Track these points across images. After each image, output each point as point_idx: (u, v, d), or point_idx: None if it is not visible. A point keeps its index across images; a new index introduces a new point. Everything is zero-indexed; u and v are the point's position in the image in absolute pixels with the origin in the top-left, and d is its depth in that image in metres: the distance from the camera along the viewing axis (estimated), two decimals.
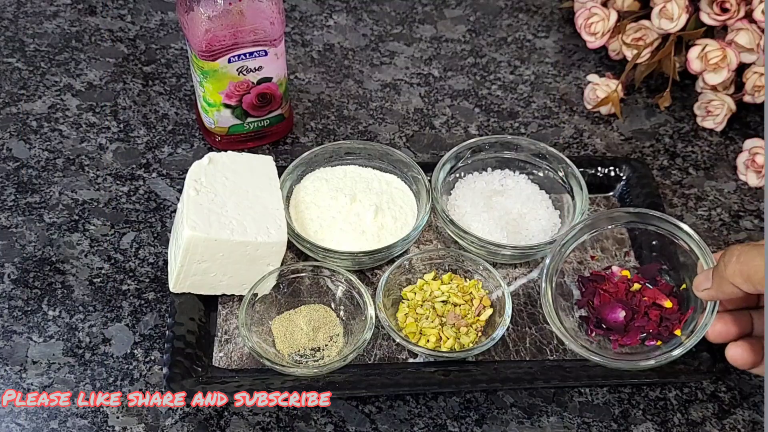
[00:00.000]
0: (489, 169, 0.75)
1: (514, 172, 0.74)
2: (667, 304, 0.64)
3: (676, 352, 0.60)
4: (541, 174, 0.74)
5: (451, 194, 0.73)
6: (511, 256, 0.69)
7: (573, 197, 0.71)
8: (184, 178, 0.69)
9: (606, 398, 0.64)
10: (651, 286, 0.66)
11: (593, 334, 0.64)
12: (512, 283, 0.69)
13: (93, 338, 0.66)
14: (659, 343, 0.63)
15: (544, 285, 0.64)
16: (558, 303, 0.64)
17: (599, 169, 0.76)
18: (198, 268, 0.63)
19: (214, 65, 0.71)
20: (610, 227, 0.67)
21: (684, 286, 0.65)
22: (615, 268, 0.67)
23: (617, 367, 0.61)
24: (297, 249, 0.68)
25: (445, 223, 0.69)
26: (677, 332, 0.63)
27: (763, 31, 0.77)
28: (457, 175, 0.74)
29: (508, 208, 0.71)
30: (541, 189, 0.74)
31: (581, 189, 0.70)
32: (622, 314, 0.64)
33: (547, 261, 0.64)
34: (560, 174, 0.73)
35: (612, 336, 0.64)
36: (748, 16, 0.77)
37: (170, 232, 0.70)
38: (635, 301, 0.65)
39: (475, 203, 0.71)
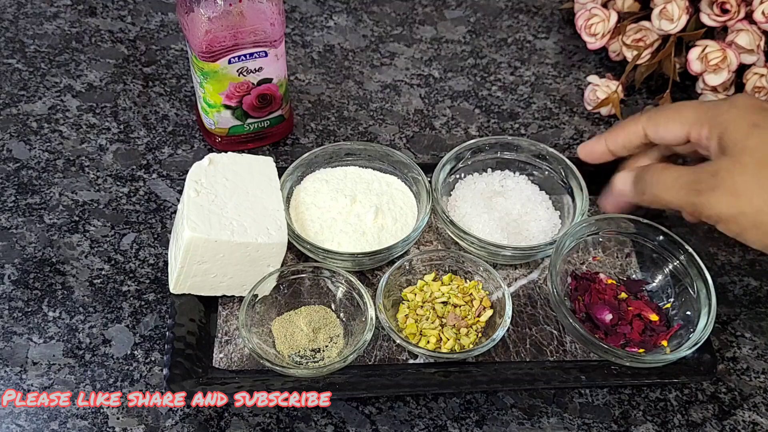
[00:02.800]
0: (489, 170, 0.75)
1: (514, 173, 0.74)
2: (653, 317, 0.65)
3: (650, 357, 0.62)
4: (541, 175, 0.74)
5: (451, 195, 0.73)
6: (511, 257, 0.69)
7: (573, 198, 0.71)
8: (184, 179, 0.69)
9: (606, 399, 0.64)
10: (635, 299, 0.67)
11: None
12: (512, 284, 0.69)
13: (93, 339, 0.66)
14: (642, 351, 0.63)
15: (551, 279, 0.64)
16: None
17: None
18: (198, 269, 0.63)
19: (214, 66, 0.71)
20: (615, 234, 0.69)
21: (668, 305, 0.66)
22: (602, 276, 0.68)
23: (609, 349, 0.62)
24: (297, 250, 0.68)
25: (445, 224, 0.69)
26: (663, 343, 0.63)
27: (763, 32, 0.77)
28: (458, 176, 0.74)
29: (508, 209, 0.71)
30: (541, 190, 0.74)
31: (581, 190, 0.70)
32: (609, 317, 0.64)
33: (559, 247, 0.66)
34: (560, 175, 0.73)
35: (597, 333, 0.64)
36: (749, 17, 0.77)
37: (170, 233, 0.70)
38: (622, 308, 0.65)
39: (476, 204, 0.71)
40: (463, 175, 0.74)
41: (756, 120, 0.55)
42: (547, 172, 0.74)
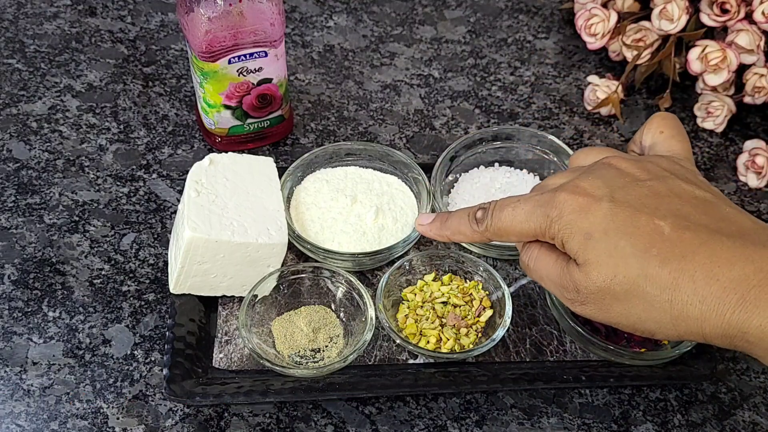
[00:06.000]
0: (496, 164, 0.75)
1: (521, 170, 0.74)
2: None
3: (651, 354, 0.62)
4: (542, 173, 0.74)
5: (450, 193, 0.73)
6: (510, 255, 0.69)
7: None
8: (184, 179, 0.69)
9: (606, 399, 0.64)
10: None
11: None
12: (512, 284, 0.69)
13: (93, 339, 0.66)
14: (643, 350, 0.63)
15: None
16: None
17: None
18: (198, 269, 0.63)
19: (214, 66, 0.71)
20: None
21: None
22: None
23: (608, 347, 0.62)
24: (297, 250, 0.68)
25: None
26: (665, 341, 0.63)
27: (763, 32, 0.77)
28: (457, 175, 0.74)
29: None
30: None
31: None
32: None
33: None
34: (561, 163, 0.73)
35: (598, 338, 0.64)
36: (749, 17, 0.77)
37: (170, 234, 0.70)
38: None
39: (476, 203, 0.71)
40: (462, 172, 0.74)
41: (586, 229, 0.52)
42: (548, 164, 0.74)
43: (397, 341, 0.63)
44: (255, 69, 0.72)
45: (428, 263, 0.68)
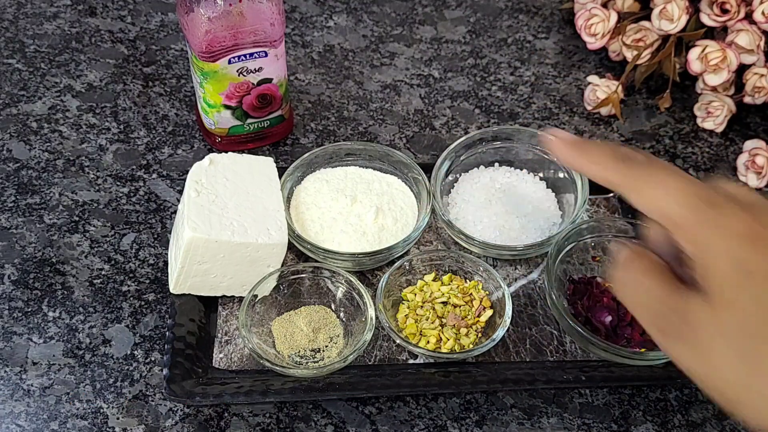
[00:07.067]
0: (496, 164, 0.75)
1: (521, 170, 0.74)
2: None
3: (651, 354, 0.61)
4: (543, 168, 0.74)
5: (450, 193, 0.73)
6: (510, 256, 0.69)
7: (576, 195, 0.71)
8: (184, 179, 0.69)
9: (606, 399, 0.64)
10: None
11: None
12: (512, 284, 0.69)
13: (93, 339, 0.66)
14: (643, 350, 0.63)
15: (547, 278, 0.64)
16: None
17: None
18: (198, 269, 0.63)
19: (214, 66, 0.71)
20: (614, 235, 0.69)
21: None
22: (599, 279, 0.68)
23: (609, 347, 0.62)
24: (297, 250, 0.68)
25: (444, 224, 0.69)
26: None
27: (763, 32, 0.77)
28: (457, 175, 0.74)
29: (508, 207, 0.71)
30: (547, 187, 0.73)
31: (582, 185, 0.70)
32: (608, 318, 0.64)
33: (552, 251, 0.66)
34: (562, 173, 0.73)
35: (599, 338, 0.64)
36: (749, 17, 0.77)
37: (170, 234, 0.70)
38: (622, 310, 0.65)
39: (475, 203, 0.71)
40: (462, 173, 0.74)
41: (749, 264, 0.42)
42: (548, 171, 0.74)
43: (397, 341, 0.63)
44: (255, 69, 0.72)
45: (428, 263, 0.68)
